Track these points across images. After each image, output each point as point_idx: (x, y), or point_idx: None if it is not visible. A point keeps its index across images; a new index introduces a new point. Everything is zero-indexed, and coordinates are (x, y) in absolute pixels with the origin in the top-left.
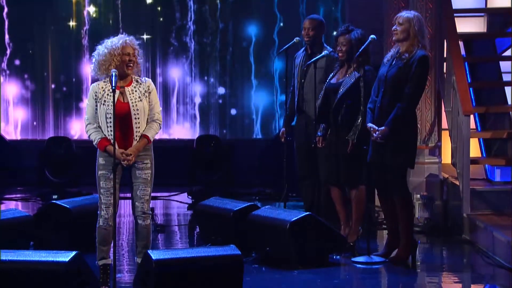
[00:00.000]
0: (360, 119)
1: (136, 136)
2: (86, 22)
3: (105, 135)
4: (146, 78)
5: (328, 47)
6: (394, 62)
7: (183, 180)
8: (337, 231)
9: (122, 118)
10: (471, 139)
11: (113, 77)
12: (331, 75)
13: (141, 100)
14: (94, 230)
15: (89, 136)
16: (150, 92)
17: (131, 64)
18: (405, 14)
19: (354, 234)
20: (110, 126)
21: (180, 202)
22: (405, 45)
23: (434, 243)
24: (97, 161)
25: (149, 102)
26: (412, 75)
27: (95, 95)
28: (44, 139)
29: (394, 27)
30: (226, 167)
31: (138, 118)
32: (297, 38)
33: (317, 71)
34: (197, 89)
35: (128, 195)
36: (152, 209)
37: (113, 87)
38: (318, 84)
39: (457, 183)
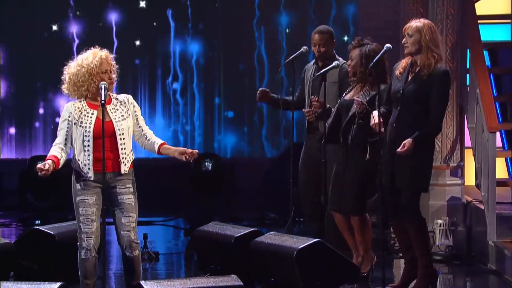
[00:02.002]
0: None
1: (123, 158)
2: None
3: (57, 156)
4: (126, 95)
5: (341, 59)
6: (410, 77)
7: (179, 204)
8: (349, 260)
9: (105, 139)
10: (497, 159)
11: (103, 90)
12: (346, 92)
13: (124, 119)
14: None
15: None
16: (136, 111)
17: (111, 82)
18: (414, 23)
19: (368, 264)
20: (88, 150)
21: (176, 227)
22: (419, 58)
23: (456, 274)
24: (73, 187)
25: (138, 121)
26: (436, 94)
27: (69, 116)
28: (25, 159)
29: (404, 40)
30: (226, 188)
31: (124, 139)
32: (305, 47)
33: (330, 85)
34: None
35: (111, 219)
36: (145, 235)
37: (103, 101)
38: (332, 99)
39: (482, 207)
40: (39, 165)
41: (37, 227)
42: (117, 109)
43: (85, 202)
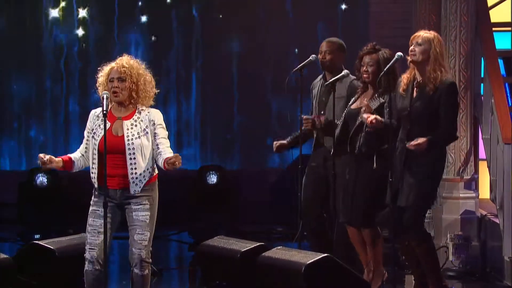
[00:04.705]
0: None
1: (133, 178)
2: None
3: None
4: (151, 110)
5: (347, 71)
6: (415, 94)
7: (183, 217)
8: (359, 276)
9: (113, 155)
10: None
11: (104, 100)
12: (352, 100)
13: (139, 137)
14: (82, 274)
15: None
16: (155, 128)
17: (116, 91)
18: (423, 33)
19: (378, 279)
20: (94, 163)
21: (180, 241)
22: (424, 70)
23: None
24: (92, 198)
25: (155, 139)
26: (444, 104)
27: (89, 125)
28: (25, 170)
29: (411, 47)
30: (232, 201)
31: (135, 158)
32: (313, 55)
33: (338, 100)
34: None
35: (121, 234)
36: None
37: (105, 111)
38: (339, 114)
39: (497, 221)
40: (43, 155)
41: (37, 241)
42: (136, 125)
43: (95, 213)
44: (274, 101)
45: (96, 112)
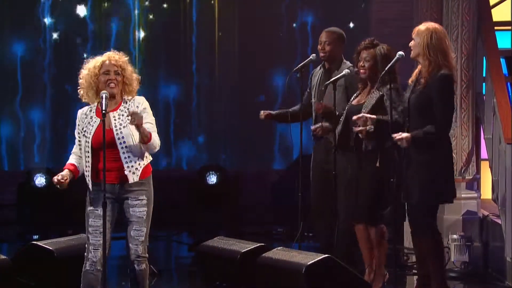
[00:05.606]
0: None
1: (129, 167)
2: None
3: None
4: (137, 97)
5: (348, 62)
6: (414, 85)
7: (183, 217)
8: (360, 276)
9: (107, 149)
10: None
11: (103, 100)
12: (353, 96)
13: (126, 125)
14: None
15: None
16: (139, 110)
17: (113, 83)
18: (419, 27)
19: (380, 280)
20: (88, 161)
21: (180, 242)
22: (421, 64)
23: None
24: (87, 196)
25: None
26: (437, 100)
27: (79, 125)
28: (23, 171)
29: (410, 42)
30: (232, 201)
31: (126, 147)
32: (314, 54)
33: (337, 89)
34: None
35: (121, 234)
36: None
37: (104, 111)
38: (339, 103)
39: (499, 221)
40: (55, 178)
41: (36, 242)
42: (123, 115)
43: (95, 213)
44: (275, 101)
45: (84, 110)
